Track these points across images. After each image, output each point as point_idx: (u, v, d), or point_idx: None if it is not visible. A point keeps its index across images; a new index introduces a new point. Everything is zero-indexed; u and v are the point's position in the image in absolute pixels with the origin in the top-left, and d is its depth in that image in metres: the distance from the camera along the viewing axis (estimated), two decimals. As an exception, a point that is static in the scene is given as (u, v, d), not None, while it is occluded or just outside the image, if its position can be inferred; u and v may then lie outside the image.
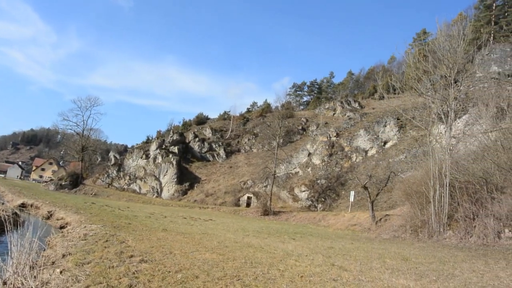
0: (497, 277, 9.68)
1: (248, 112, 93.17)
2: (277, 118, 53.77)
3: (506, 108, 21.81)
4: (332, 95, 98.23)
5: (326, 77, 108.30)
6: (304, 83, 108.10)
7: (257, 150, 69.86)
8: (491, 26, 62.76)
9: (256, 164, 62.11)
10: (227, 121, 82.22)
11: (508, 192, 18.86)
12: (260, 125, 76.26)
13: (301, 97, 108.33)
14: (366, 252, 13.73)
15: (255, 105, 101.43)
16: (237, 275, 8.17)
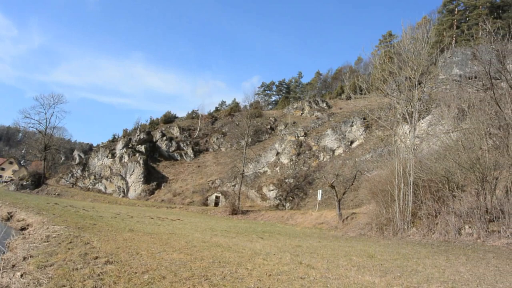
0: (458, 272, 10.01)
1: (216, 111, 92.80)
2: (246, 117, 53.81)
3: (466, 109, 22.56)
4: (301, 95, 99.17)
5: (294, 77, 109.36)
6: (272, 83, 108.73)
7: (225, 149, 69.66)
8: (453, 30, 65.01)
9: (225, 163, 61.92)
10: (195, 120, 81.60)
11: (468, 190, 19.56)
12: (228, 124, 76.07)
13: (270, 97, 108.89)
14: (333, 250, 13.92)
15: (223, 104, 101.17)
16: (205, 275, 8.12)
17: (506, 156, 18.13)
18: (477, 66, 31.00)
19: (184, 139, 71.58)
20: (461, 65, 55.00)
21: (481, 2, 61.77)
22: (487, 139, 19.82)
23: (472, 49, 40.95)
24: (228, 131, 73.13)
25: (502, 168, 18.30)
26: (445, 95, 37.25)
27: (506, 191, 18.01)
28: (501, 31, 24.83)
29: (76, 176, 64.19)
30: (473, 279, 9.07)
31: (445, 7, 69.32)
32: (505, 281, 8.96)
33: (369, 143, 51.13)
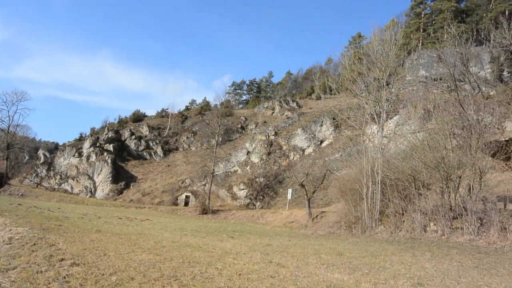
0: (423, 268, 10.30)
1: (186, 110, 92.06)
2: (216, 116, 53.65)
3: (432, 110, 23.19)
4: (271, 94, 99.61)
5: (265, 76, 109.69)
6: (243, 82, 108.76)
7: (195, 149, 69.18)
8: (420, 32, 66.76)
9: (195, 163, 61.48)
10: (165, 118, 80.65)
11: (433, 189, 20.15)
12: (199, 123, 75.60)
13: (241, 96, 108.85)
14: (303, 248, 14.05)
15: (194, 102, 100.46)
16: (175, 275, 8.05)
17: (469, 156, 18.75)
18: (442, 68, 31.97)
19: (154, 138, 70.65)
20: (427, 67, 56.62)
21: (446, 7, 63.64)
22: (451, 139, 20.45)
23: (438, 52, 42.12)
24: (199, 130, 72.69)
25: (465, 167, 18.91)
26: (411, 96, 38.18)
27: (469, 189, 18.64)
28: (465, 35, 25.68)
29: (41, 176, 62.31)
30: (438, 275, 9.34)
31: (412, 11, 71.13)
32: (468, 276, 9.28)
33: (338, 143, 51.88)
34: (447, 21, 53.83)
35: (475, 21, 61.23)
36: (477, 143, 18.94)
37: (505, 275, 9.58)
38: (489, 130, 21.92)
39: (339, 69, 72.66)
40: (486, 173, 19.12)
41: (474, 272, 9.91)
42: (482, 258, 12.30)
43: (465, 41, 25.16)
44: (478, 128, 19.73)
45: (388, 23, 55.24)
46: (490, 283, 8.55)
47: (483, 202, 18.05)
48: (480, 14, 61.83)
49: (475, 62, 47.49)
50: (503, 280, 8.99)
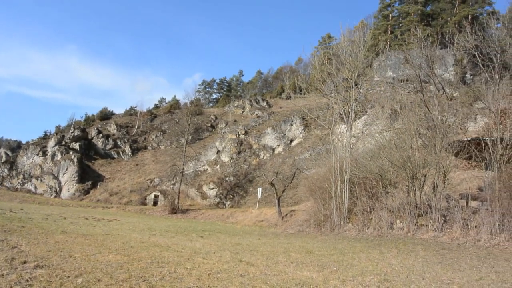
0: (390, 264, 10.55)
1: (156, 108, 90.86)
2: (186, 114, 53.08)
3: (399, 110, 23.76)
4: (242, 93, 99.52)
5: (235, 75, 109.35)
6: (213, 80, 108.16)
7: (164, 147, 68.37)
8: (388, 34, 68.18)
9: (164, 162, 60.77)
10: (134, 117, 79.33)
11: (399, 187, 20.66)
12: (168, 122, 74.72)
13: (211, 94, 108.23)
14: (273, 247, 14.12)
15: (163, 101, 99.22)
16: (143, 276, 7.92)
17: (433, 155, 19.31)
18: (408, 70, 32.80)
19: (122, 137, 69.39)
20: (394, 68, 57.92)
21: (413, 10, 65.27)
22: (417, 138, 21.01)
23: (405, 54, 43.13)
24: (168, 128, 71.86)
25: (430, 166, 19.47)
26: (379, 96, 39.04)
27: (433, 188, 19.22)
28: (430, 38, 26.41)
29: (2, 175, 60.12)
30: (404, 271, 9.58)
31: (380, 13, 72.57)
32: (432, 271, 9.57)
33: (308, 142, 52.42)
34: (414, 24, 55.29)
35: (440, 25, 63.01)
36: (441, 142, 19.53)
37: (466, 270, 9.94)
38: (452, 130, 22.64)
39: (309, 69, 73.39)
40: (449, 172, 19.77)
41: (438, 267, 10.23)
42: (445, 253, 12.71)
43: (431, 43, 25.89)
44: (442, 128, 20.34)
45: (357, 25, 56.41)
46: (453, 278, 8.84)
47: (447, 199, 18.68)
48: (445, 18, 63.64)
49: (440, 64, 48.93)
50: (464, 274, 9.32)
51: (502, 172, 17.49)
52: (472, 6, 63.06)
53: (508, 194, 15.86)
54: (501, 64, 21.25)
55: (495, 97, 20.18)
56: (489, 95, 20.92)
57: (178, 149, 56.25)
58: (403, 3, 68.92)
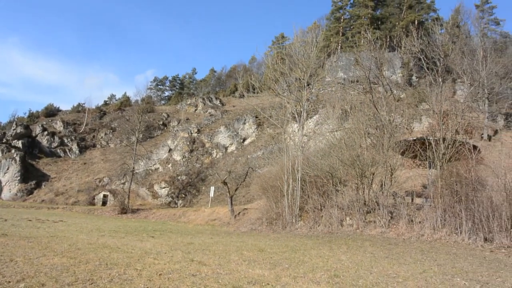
0: (339, 260, 10.80)
1: (105, 105, 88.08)
2: (137, 112, 51.82)
3: (349, 110, 24.44)
4: (194, 91, 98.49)
5: (188, 72, 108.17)
6: (166, 78, 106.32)
7: (114, 146, 66.46)
8: (339, 36, 69.90)
9: (114, 160, 59.06)
10: (82, 114, 76.40)
11: (349, 185, 21.24)
12: (118, 119, 72.63)
13: (163, 92, 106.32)
14: (225, 246, 14.08)
15: (113, 97, 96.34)
16: (91, 279, 7.64)
17: (381, 154, 20.00)
18: (358, 71, 33.79)
19: (69, 134, 66.70)
20: (345, 69, 59.51)
21: (363, 13, 67.27)
22: (366, 138, 21.69)
23: (355, 55, 44.41)
24: (118, 126, 69.86)
25: (378, 164, 20.16)
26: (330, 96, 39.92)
27: (381, 185, 19.92)
28: (380, 41, 27.36)
29: None
30: (353, 266, 9.84)
31: (332, 15, 74.23)
32: (379, 266, 9.89)
33: (260, 141, 52.78)
34: (364, 27, 57.10)
35: (389, 29, 65.35)
36: (388, 142, 20.26)
37: (411, 263, 10.37)
38: (399, 130, 23.56)
39: (263, 68, 73.90)
40: (396, 170, 20.54)
41: (385, 262, 10.59)
42: (392, 248, 13.20)
43: (380, 46, 26.82)
44: (390, 128, 21.12)
45: (310, 26, 57.36)
46: (399, 271, 9.19)
47: (393, 197, 19.43)
48: (393, 22, 66.11)
49: (388, 67, 50.76)
50: (409, 268, 9.72)
51: (444, 170, 18.40)
52: (418, 12, 66.01)
53: (449, 191, 16.70)
54: (444, 68, 22.36)
55: (438, 99, 21.18)
56: (433, 97, 21.93)
57: (128, 148, 54.84)
58: (355, 6, 70.85)
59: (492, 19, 66.63)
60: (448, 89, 23.49)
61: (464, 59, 32.64)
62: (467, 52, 37.99)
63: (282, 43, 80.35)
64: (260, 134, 54.80)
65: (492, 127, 42.54)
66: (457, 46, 29.51)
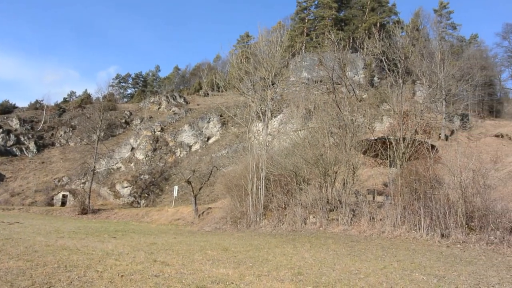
0: (303, 258, 10.92)
1: (65, 102, 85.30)
2: (98, 110, 50.52)
3: (312, 110, 24.75)
4: (158, 89, 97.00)
5: (152, 70, 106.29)
6: (128, 75, 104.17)
7: (74, 144, 64.57)
8: (304, 36, 70.66)
9: (74, 159, 57.39)
10: (40, 111, 73.73)
11: (312, 184, 21.51)
12: (78, 117, 70.54)
13: (125, 89, 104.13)
14: (189, 246, 13.95)
15: (73, 94, 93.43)
16: (48, 282, 7.37)
17: (344, 153, 20.37)
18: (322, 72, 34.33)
19: (26, 132, 64.24)
20: (309, 70, 60.29)
21: (327, 14, 68.30)
22: (329, 137, 22.05)
23: (319, 56, 45.04)
24: (78, 124, 67.87)
25: (341, 163, 20.53)
26: (295, 96, 40.33)
27: (343, 184, 20.29)
28: (343, 42, 27.82)
29: None
30: (316, 264, 9.96)
31: (297, 15, 74.96)
32: (342, 263, 10.06)
33: (225, 140, 52.67)
34: (328, 28, 57.94)
35: (352, 30, 66.68)
36: (351, 141, 20.66)
37: (372, 260, 10.61)
38: (361, 129, 24.07)
39: (227, 67, 73.72)
40: (358, 169, 20.99)
41: (347, 259, 10.78)
42: (354, 246, 13.47)
43: (343, 47, 27.23)
44: (352, 127, 21.54)
45: (275, 25, 57.71)
46: (360, 268, 9.37)
47: (356, 195, 19.85)
48: (356, 24, 67.44)
49: (351, 67, 51.73)
50: (370, 264, 9.94)
51: (404, 169, 18.95)
52: (380, 15, 67.73)
53: (408, 189, 17.21)
54: (404, 70, 23.00)
55: (398, 100, 21.78)
56: (393, 98, 22.54)
57: (89, 146, 53.41)
58: (319, 7, 71.79)
59: (450, 23, 69.53)
60: (408, 90, 24.22)
61: (423, 61, 33.68)
62: (426, 55, 39.24)
63: (247, 42, 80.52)
64: (225, 133, 54.67)
65: (449, 127, 44.27)
66: (416, 49, 30.47)
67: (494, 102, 65.07)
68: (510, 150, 33.25)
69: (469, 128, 47.13)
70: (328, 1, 67.59)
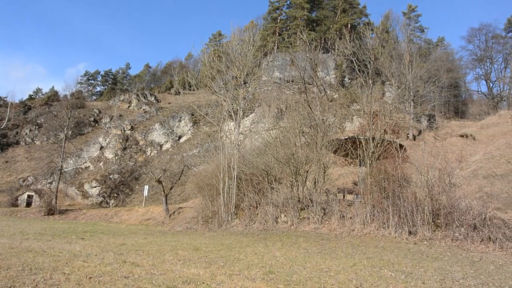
0: (274, 256, 10.96)
1: (30, 99, 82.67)
2: (66, 107, 49.24)
3: (284, 109, 24.89)
4: (128, 87, 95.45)
5: (122, 67, 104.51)
6: (97, 72, 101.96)
7: (40, 143, 62.77)
8: (276, 36, 70.94)
9: (40, 158, 55.77)
10: (3, 108, 71.17)
11: (284, 183, 21.61)
12: (45, 115, 68.60)
13: (94, 87, 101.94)
14: (159, 246, 13.79)
15: (39, 91, 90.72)
16: (12, 286, 7.11)
17: (315, 152, 20.57)
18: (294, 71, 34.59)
19: (-12, 130, 62.14)
20: (281, 69, 60.61)
21: (299, 15, 68.79)
22: (301, 137, 22.22)
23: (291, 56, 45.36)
24: (45, 122, 66.04)
25: (312, 162, 20.72)
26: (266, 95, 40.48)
27: (314, 183, 20.48)
28: (314, 43, 28.08)
29: None
30: (287, 262, 10.02)
31: (269, 15, 75.20)
32: (312, 261, 10.16)
33: (196, 139, 52.34)
34: (300, 28, 58.44)
35: (323, 31, 67.37)
36: (322, 141, 20.89)
37: (342, 258, 10.76)
38: (332, 129, 24.35)
39: (199, 65, 73.11)
40: (329, 168, 21.25)
41: (318, 257, 10.90)
42: (324, 244, 13.62)
43: (314, 48, 27.51)
44: (323, 127, 21.77)
45: (248, 25, 57.77)
46: (331, 266, 9.49)
47: (326, 194, 20.07)
48: (328, 25, 68.22)
49: (322, 68, 52.37)
50: (341, 262, 10.08)
51: (373, 168, 19.30)
52: (351, 16, 68.83)
53: (378, 188, 17.54)
54: (374, 71, 23.42)
55: (368, 100, 22.18)
56: (363, 98, 22.93)
57: (56, 145, 52.04)
58: (291, 8, 72.24)
59: (418, 26, 71.33)
60: (377, 91, 24.71)
61: (392, 62, 34.44)
62: (395, 56, 40.21)
63: (219, 40, 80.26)
64: (196, 132, 54.32)
65: (416, 127, 45.41)
66: (386, 50, 31.07)
67: (459, 103, 67.30)
68: (474, 149, 34.39)
69: (436, 128, 48.57)
70: (301, 1, 68.11)
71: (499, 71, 67.95)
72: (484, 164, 26.42)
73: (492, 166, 25.38)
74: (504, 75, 66.87)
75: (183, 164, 42.42)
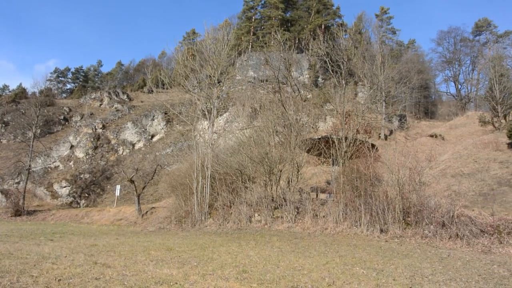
0: (248, 256, 10.96)
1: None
2: (34, 105, 47.87)
3: (258, 108, 24.93)
4: (100, 84, 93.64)
5: (93, 65, 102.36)
6: (68, 69, 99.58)
7: (7, 142, 60.90)
8: (250, 35, 71.01)
9: (6, 158, 54.12)
10: (-32, 105, 69.04)
11: (258, 182, 21.66)
12: (12, 113, 66.63)
13: (64, 84, 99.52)
14: (131, 246, 13.59)
15: (6, 88, 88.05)
16: (-24, 291, 6.90)
17: (288, 151, 20.69)
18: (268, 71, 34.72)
19: (-49, 128, 59.89)
20: (255, 69, 60.69)
21: (274, 14, 69.07)
22: (274, 136, 22.32)
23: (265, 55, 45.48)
24: (12, 120, 64.08)
25: (285, 161, 20.84)
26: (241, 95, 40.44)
27: (288, 182, 20.61)
28: (289, 42, 28.22)
29: None
30: (261, 261, 10.03)
31: (244, 14, 75.20)
32: (286, 260, 10.21)
33: (170, 138, 51.84)
34: (274, 28, 58.74)
35: (298, 31, 67.85)
36: (295, 140, 21.02)
37: (316, 256, 10.85)
38: (305, 129, 24.56)
39: (173, 63, 72.34)
40: (302, 167, 21.40)
41: (291, 255, 10.95)
42: (298, 242, 13.71)
43: (289, 47, 27.65)
44: (297, 127, 21.92)
45: (222, 23, 57.55)
46: (304, 264, 9.55)
47: (300, 193, 20.22)
48: (302, 25, 68.74)
49: (296, 68, 52.72)
50: (314, 260, 10.16)
51: (345, 167, 19.56)
52: (325, 17, 69.56)
53: (350, 187, 17.78)
54: (347, 71, 23.72)
55: (341, 100, 22.46)
56: (336, 98, 23.21)
57: (24, 144, 50.61)
58: (266, 7, 72.44)
59: (390, 28, 72.83)
60: (350, 91, 25.07)
61: (365, 63, 34.93)
62: (368, 57, 40.81)
63: (193, 39, 79.74)
64: (169, 131, 53.79)
65: (388, 127, 46.31)
66: (359, 51, 31.58)
67: (429, 104, 69.07)
68: (443, 149, 35.35)
69: (407, 128, 49.68)
70: (275, 1, 68.39)
71: (467, 73, 70.32)
72: (452, 163, 27.16)
73: (460, 165, 26.12)
74: (472, 77, 69.20)
75: (156, 163, 41.97)
